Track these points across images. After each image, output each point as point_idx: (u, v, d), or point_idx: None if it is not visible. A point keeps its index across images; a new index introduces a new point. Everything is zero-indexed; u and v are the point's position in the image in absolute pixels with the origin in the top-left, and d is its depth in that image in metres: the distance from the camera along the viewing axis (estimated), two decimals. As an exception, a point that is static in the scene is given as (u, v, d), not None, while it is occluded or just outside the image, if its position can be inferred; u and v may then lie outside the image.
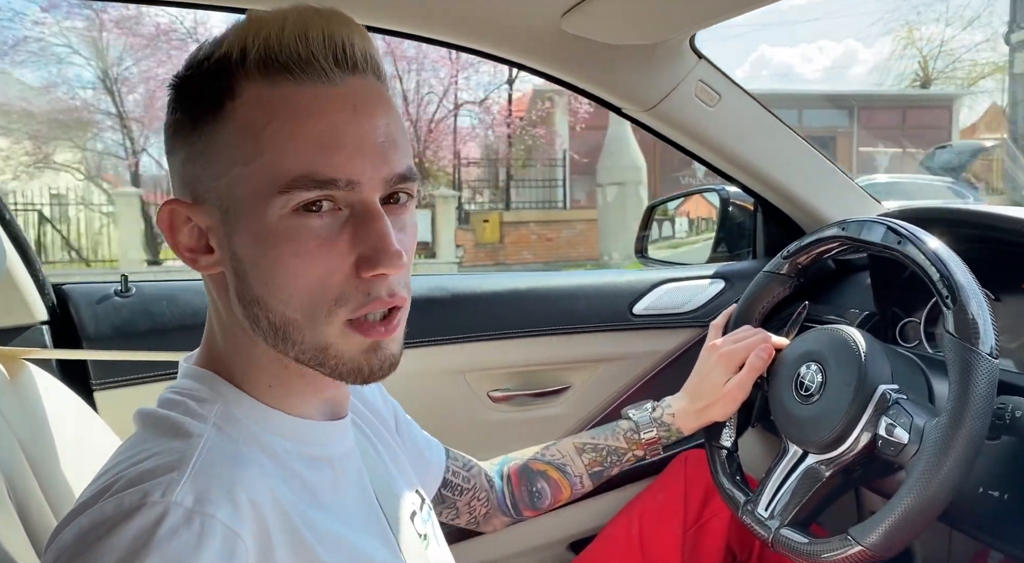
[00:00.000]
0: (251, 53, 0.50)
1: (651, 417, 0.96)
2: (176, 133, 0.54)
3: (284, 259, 0.51)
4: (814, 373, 0.87)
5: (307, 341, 0.53)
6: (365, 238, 0.51)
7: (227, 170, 0.52)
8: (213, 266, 0.55)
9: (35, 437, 0.76)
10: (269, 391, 0.57)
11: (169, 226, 0.55)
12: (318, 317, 0.52)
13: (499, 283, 1.31)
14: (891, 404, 0.80)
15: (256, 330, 0.54)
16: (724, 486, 0.95)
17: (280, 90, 0.51)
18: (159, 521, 0.45)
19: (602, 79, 1.15)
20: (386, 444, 0.73)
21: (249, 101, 0.51)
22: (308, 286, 0.51)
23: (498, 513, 0.92)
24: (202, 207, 0.54)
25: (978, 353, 0.73)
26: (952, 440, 0.71)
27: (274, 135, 0.50)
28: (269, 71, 0.51)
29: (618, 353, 1.32)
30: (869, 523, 0.75)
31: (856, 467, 0.83)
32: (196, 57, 0.53)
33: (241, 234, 0.52)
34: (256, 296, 0.53)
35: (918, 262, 0.80)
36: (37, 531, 0.68)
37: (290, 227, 0.51)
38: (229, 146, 0.51)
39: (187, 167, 0.54)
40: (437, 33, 1.07)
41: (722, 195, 1.50)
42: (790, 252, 1.00)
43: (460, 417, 1.27)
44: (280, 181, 0.50)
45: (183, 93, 0.54)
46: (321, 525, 0.54)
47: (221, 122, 0.51)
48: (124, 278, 1.10)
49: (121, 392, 1.06)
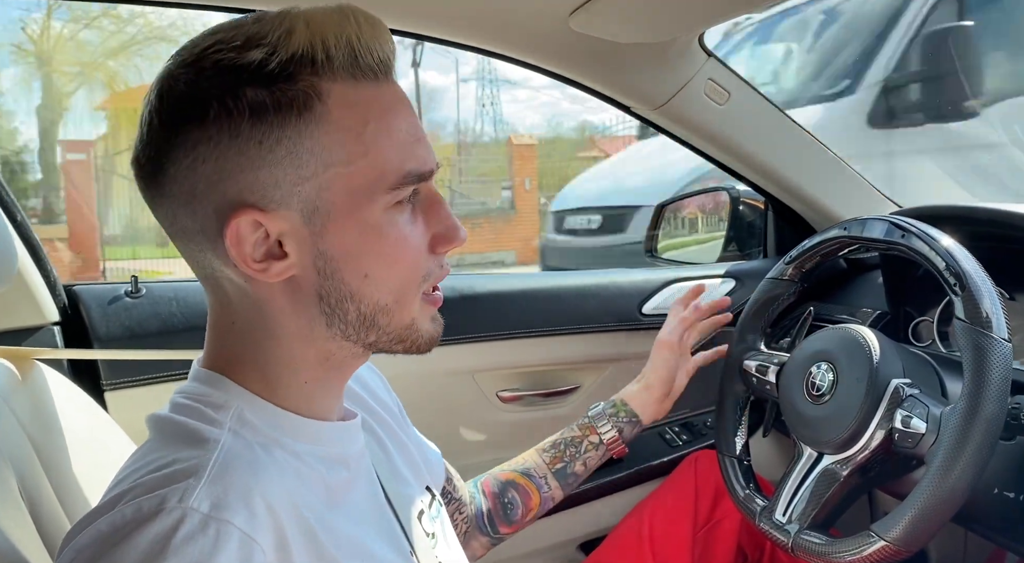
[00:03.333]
0: (336, 54, 0.50)
1: (604, 410, 1.00)
2: (228, 137, 0.50)
3: (388, 248, 0.54)
4: (825, 372, 0.86)
5: (393, 323, 0.56)
6: (437, 220, 0.57)
7: (318, 173, 0.51)
8: (285, 272, 0.53)
9: (47, 437, 0.77)
10: (301, 389, 0.57)
11: (236, 238, 0.51)
12: (409, 297, 0.56)
13: (508, 283, 1.31)
14: (905, 397, 0.79)
15: (335, 326, 0.55)
16: (739, 496, 0.94)
17: (364, 91, 0.52)
18: (176, 527, 0.45)
19: (611, 78, 1.15)
20: (395, 440, 0.73)
21: (339, 103, 0.51)
22: (406, 270, 0.55)
23: (476, 533, 0.92)
24: (278, 213, 0.51)
25: (991, 337, 0.72)
26: (971, 424, 0.70)
27: (375, 134, 0.52)
28: (355, 72, 0.52)
29: (628, 353, 1.32)
30: (891, 517, 0.74)
31: (873, 465, 0.82)
32: (244, 58, 0.49)
33: (336, 232, 0.52)
34: (350, 290, 0.54)
35: (923, 254, 0.80)
36: (48, 529, 0.69)
37: (392, 219, 0.54)
38: (323, 149, 0.51)
39: (247, 175, 0.50)
40: (445, 33, 1.07)
41: (732, 194, 1.49)
42: (792, 257, 0.99)
43: (469, 417, 1.27)
44: (389, 178, 0.53)
45: (236, 94, 0.49)
46: (338, 527, 0.55)
47: (311, 125, 0.50)
48: (134, 279, 1.10)
49: (132, 392, 1.07)
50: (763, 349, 1.00)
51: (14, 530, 0.62)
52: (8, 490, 0.65)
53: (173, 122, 0.50)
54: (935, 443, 0.74)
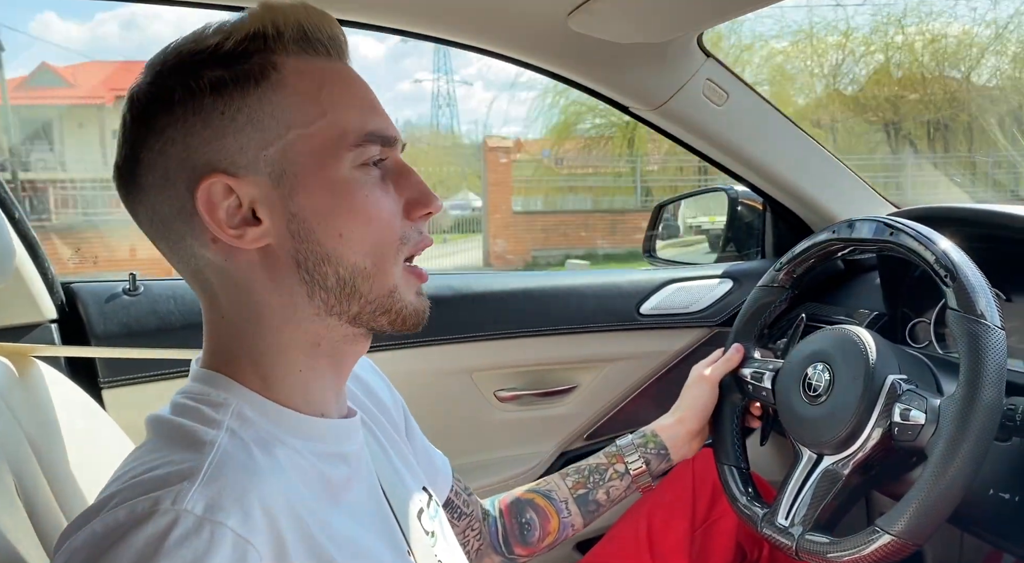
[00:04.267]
0: (286, 30, 0.54)
1: (633, 441, 0.96)
2: (193, 114, 0.53)
3: (359, 205, 0.55)
4: (821, 372, 0.86)
5: (374, 289, 0.57)
6: (408, 186, 0.58)
7: (281, 135, 0.54)
8: (260, 238, 0.54)
9: (44, 434, 0.77)
10: (297, 378, 0.57)
11: (208, 204, 0.53)
12: (388, 259, 0.57)
13: (506, 282, 1.31)
14: (902, 392, 0.79)
15: (316, 294, 0.55)
16: (740, 503, 0.94)
17: (316, 63, 0.56)
18: (169, 529, 0.45)
19: (609, 78, 1.15)
20: (392, 441, 0.73)
21: (293, 72, 0.54)
22: (380, 229, 0.56)
23: (490, 551, 0.90)
24: (247, 178, 0.54)
25: (984, 324, 0.73)
26: (970, 412, 0.71)
27: (331, 98, 0.55)
28: (306, 46, 0.55)
29: (625, 353, 1.32)
30: (894, 512, 0.74)
31: (873, 463, 0.82)
32: (203, 44, 0.54)
33: (305, 193, 0.54)
34: (326, 252, 0.55)
35: (912, 249, 0.80)
36: (45, 527, 0.69)
37: (359, 177, 0.55)
38: (283, 112, 0.54)
39: (213, 145, 0.53)
40: (444, 32, 1.07)
41: (730, 194, 1.49)
42: (783, 264, 0.99)
43: (466, 416, 1.27)
44: (350, 137, 0.55)
45: (198, 75, 0.53)
46: (336, 526, 0.55)
47: (268, 92, 0.54)
48: (132, 277, 1.10)
49: (129, 390, 1.07)
50: (757, 356, 1.00)
51: (10, 528, 0.62)
52: (4, 488, 0.65)
53: (142, 117, 0.54)
54: (935, 433, 0.74)
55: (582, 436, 1.34)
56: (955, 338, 0.75)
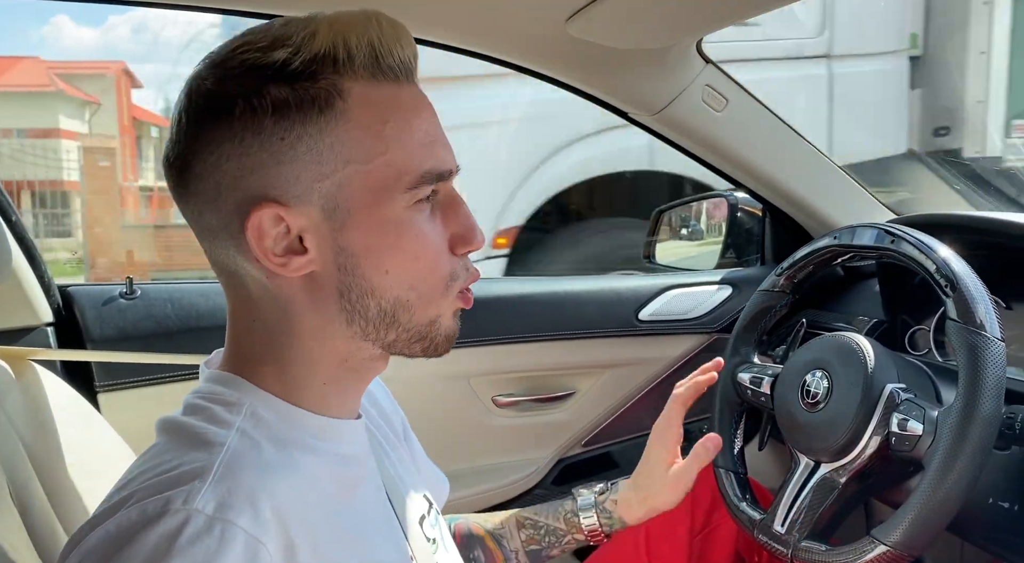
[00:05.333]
0: (358, 54, 0.52)
1: (595, 500, 0.87)
2: (252, 134, 0.51)
3: (407, 244, 0.54)
4: (820, 380, 0.86)
5: (415, 319, 0.57)
6: (455, 220, 0.57)
7: (338, 169, 0.52)
8: (305, 267, 0.54)
9: (39, 438, 0.76)
10: (321, 390, 0.57)
11: (257, 232, 0.52)
12: (435, 294, 0.57)
13: (505, 287, 1.30)
14: (900, 402, 0.79)
15: (355, 323, 0.55)
16: (736, 508, 0.94)
17: (385, 91, 0.53)
18: (181, 528, 0.45)
19: (608, 83, 1.15)
20: (394, 446, 0.73)
21: (359, 102, 0.52)
22: (426, 266, 0.56)
23: None
24: (298, 208, 0.52)
25: (983, 335, 0.72)
26: (968, 423, 0.70)
27: (394, 133, 0.53)
28: (376, 72, 0.53)
29: (624, 359, 1.31)
30: (891, 522, 0.73)
31: (870, 472, 0.82)
32: (269, 58, 0.51)
33: (356, 229, 0.53)
34: (372, 286, 0.54)
35: (913, 258, 0.80)
36: (39, 531, 0.68)
37: (412, 216, 0.55)
38: (343, 145, 0.52)
39: (269, 170, 0.52)
40: (442, 37, 1.07)
41: (730, 200, 1.49)
42: (783, 269, 0.99)
43: (465, 422, 1.26)
44: (409, 176, 0.53)
45: (261, 92, 0.51)
46: (344, 528, 0.55)
47: (331, 122, 0.52)
48: (129, 280, 1.10)
49: (125, 394, 1.06)
50: (756, 361, 1.00)
51: (3, 532, 0.62)
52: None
53: (200, 120, 0.52)
54: (932, 444, 0.74)
55: (580, 442, 1.34)
56: (954, 349, 0.75)
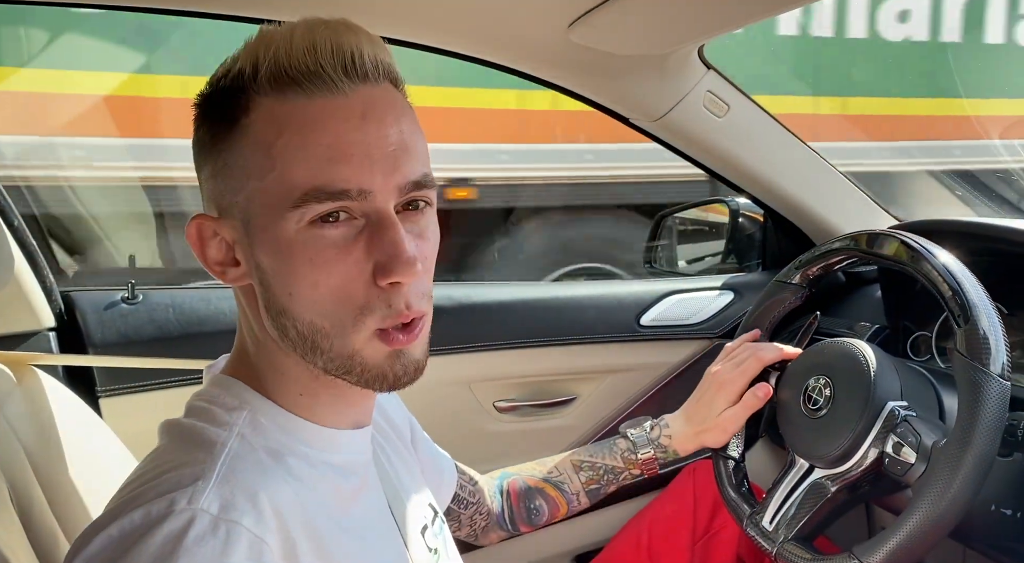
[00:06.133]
0: (262, 68, 0.51)
1: (648, 437, 0.95)
2: (200, 149, 0.55)
3: (302, 269, 0.51)
4: (822, 386, 0.86)
5: (335, 349, 0.53)
6: (380, 246, 0.51)
7: (244, 185, 0.52)
8: (241, 278, 0.56)
9: (40, 443, 0.76)
10: (299, 400, 0.57)
11: (198, 240, 0.56)
12: (345, 325, 0.52)
13: (506, 293, 1.30)
14: (899, 421, 0.79)
15: (285, 340, 0.54)
16: (729, 497, 0.94)
17: (291, 104, 0.51)
18: (186, 529, 0.46)
19: (609, 89, 1.15)
20: (400, 456, 0.73)
21: (262, 116, 0.51)
22: (329, 294, 0.52)
23: (496, 528, 0.92)
24: (227, 221, 0.54)
25: (988, 374, 0.72)
26: (959, 463, 0.70)
27: (284, 149, 0.50)
28: (280, 85, 0.51)
29: (625, 364, 1.31)
30: (874, 542, 0.74)
31: (863, 484, 0.82)
32: (215, 75, 0.54)
33: (262, 246, 0.53)
34: (282, 306, 0.53)
35: (930, 278, 0.79)
36: (39, 536, 0.68)
37: (307, 238, 0.51)
38: (245, 161, 0.52)
39: (211, 182, 0.55)
40: (444, 43, 1.08)
41: (731, 206, 1.49)
42: (802, 262, 0.99)
43: (465, 427, 1.26)
44: (293, 195, 0.50)
45: (205, 110, 0.55)
46: (343, 536, 0.55)
47: (237, 138, 0.52)
48: (131, 285, 1.10)
49: (126, 399, 1.06)
50: None
51: (4, 537, 0.62)
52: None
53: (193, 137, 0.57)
54: (923, 476, 0.74)
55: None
56: (956, 382, 0.74)
